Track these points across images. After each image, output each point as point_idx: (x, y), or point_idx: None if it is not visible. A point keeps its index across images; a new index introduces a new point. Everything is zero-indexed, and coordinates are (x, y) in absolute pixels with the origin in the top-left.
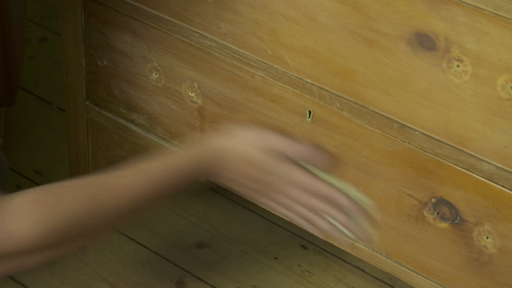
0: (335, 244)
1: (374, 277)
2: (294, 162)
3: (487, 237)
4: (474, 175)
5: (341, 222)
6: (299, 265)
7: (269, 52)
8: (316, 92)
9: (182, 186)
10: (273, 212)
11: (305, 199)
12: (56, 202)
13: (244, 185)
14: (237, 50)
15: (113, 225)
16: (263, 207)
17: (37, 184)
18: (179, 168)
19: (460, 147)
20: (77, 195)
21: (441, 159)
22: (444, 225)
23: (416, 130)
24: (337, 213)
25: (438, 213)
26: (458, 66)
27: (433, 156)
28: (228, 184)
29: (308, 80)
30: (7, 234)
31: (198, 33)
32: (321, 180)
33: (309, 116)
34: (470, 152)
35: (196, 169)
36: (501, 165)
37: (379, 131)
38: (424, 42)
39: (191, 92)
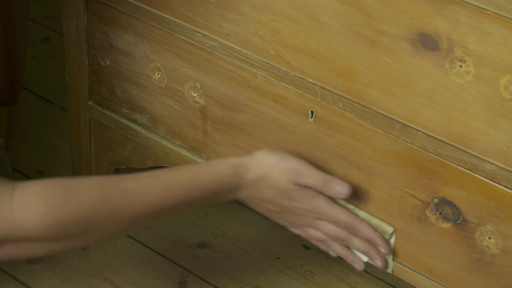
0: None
1: (376, 277)
2: (315, 190)
3: (489, 238)
4: (476, 175)
5: (362, 251)
6: (301, 265)
7: (271, 52)
8: (319, 92)
9: (198, 203)
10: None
11: (327, 228)
12: (65, 197)
13: (269, 210)
14: (239, 50)
15: (120, 231)
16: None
17: None
18: (195, 183)
19: (462, 148)
20: (87, 193)
21: (443, 159)
22: (446, 225)
23: (418, 130)
24: (357, 242)
25: (440, 213)
26: (460, 66)
27: (435, 156)
28: (254, 207)
29: (311, 80)
30: (11, 221)
31: (200, 33)
32: (342, 208)
33: (312, 116)
34: (472, 152)
35: (215, 188)
36: (503, 166)
37: (382, 131)
38: (426, 42)
39: (194, 92)
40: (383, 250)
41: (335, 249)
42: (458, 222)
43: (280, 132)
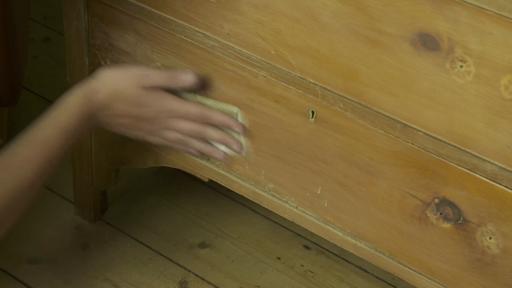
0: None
1: (377, 277)
2: (161, 90)
3: (490, 238)
4: (477, 175)
5: (219, 139)
6: (302, 265)
7: (272, 52)
8: (319, 92)
9: (72, 141)
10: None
11: (181, 125)
12: None
13: (125, 125)
14: (240, 50)
15: (20, 205)
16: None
17: None
18: (60, 127)
19: (463, 148)
20: None
21: (444, 160)
22: (447, 225)
23: (419, 130)
24: (212, 132)
25: (441, 213)
26: (461, 66)
27: (436, 156)
28: (110, 128)
29: (311, 80)
30: None
31: (201, 33)
32: (190, 102)
33: (312, 116)
34: (473, 152)
35: (76, 122)
36: (504, 166)
37: (382, 131)
38: (427, 42)
39: (194, 92)
40: (236, 129)
41: (195, 146)
42: (459, 222)
43: (281, 132)
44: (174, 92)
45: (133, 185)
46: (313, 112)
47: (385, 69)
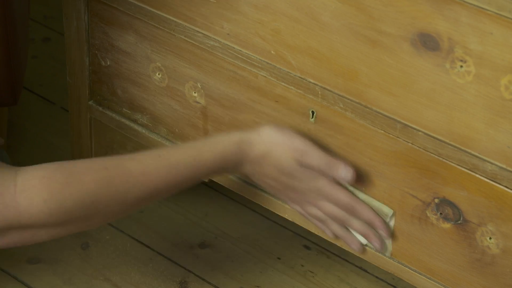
0: (343, 247)
1: (377, 277)
2: (317, 170)
3: (490, 238)
4: (477, 175)
5: (362, 233)
6: (302, 265)
7: (272, 52)
8: (319, 92)
9: (201, 179)
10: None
11: (328, 208)
12: (67, 182)
13: (270, 186)
14: (240, 50)
15: (124, 211)
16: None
17: None
18: (199, 161)
19: (463, 148)
20: (90, 176)
21: (444, 160)
22: (447, 225)
23: (419, 131)
24: (356, 223)
25: (441, 213)
26: (461, 66)
27: (436, 156)
28: (253, 180)
29: (311, 80)
30: (15, 208)
31: (201, 33)
32: (344, 189)
33: (312, 116)
34: (473, 152)
35: (218, 166)
36: (504, 166)
37: (382, 131)
38: (427, 42)
39: (194, 92)
40: (383, 233)
41: (334, 229)
42: (459, 222)
43: None
44: None
45: None
46: (313, 112)
47: (385, 69)
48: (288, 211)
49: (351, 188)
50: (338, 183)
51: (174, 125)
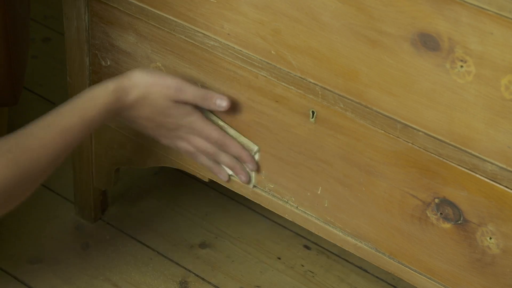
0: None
1: (377, 277)
2: (189, 105)
3: (490, 238)
4: (477, 175)
5: (229, 167)
6: (302, 265)
7: (272, 52)
8: (320, 92)
9: (90, 134)
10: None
11: (198, 143)
12: None
13: (144, 126)
14: (240, 50)
15: (35, 184)
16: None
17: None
18: (87, 120)
19: (463, 148)
20: (3, 162)
21: (444, 160)
22: (447, 225)
23: (419, 131)
24: (224, 157)
25: (441, 213)
26: (461, 66)
27: (436, 156)
28: (129, 124)
29: (312, 80)
30: None
31: (201, 33)
32: (214, 125)
33: (313, 116)
34: (473, 152)
35: (101, 118)
36: (504, 166)
37: (382, 131)
38: (427, 42)
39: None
40: (250, 166)
41: (202, 161)
42: (459, 222)
43: (281, 132)
44: (199, 108)
45: (133, 185)
46: (313, 112)
47: (385, 69)
48: (288, 211)
49: (221, 123)
50: (209, 120)
51: None
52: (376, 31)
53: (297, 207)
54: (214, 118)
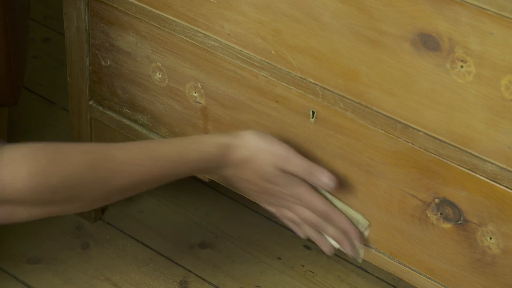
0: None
1: (377, 277)
2: (296, 176)
3: (490, 238)
4: (477, 175)
5: (335, 239)
6: (302, 265)
7: (272, 52)
8: (320, 92)
9: (182, 176)
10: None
11: (303, 213)
12: (53, 159)
13: (247, 189)
14: (240, 50)
15: (105, 198)
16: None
17: None
18: (184, 159)
19: (463, 148)
20: (75, 157)
21: (444, 160)
22: (447, 225)
23: (419, 131)
24: (330, 229)
25: (441, 213)
26: (461, 66)
27: (436, 156)
28: (231, 183)
29: (312, 80)
30: None
31: (201, 33)
32: (321, 197)
33: (313, 116)
34: (473, 152)
35: (202, 166)
36: (504, 166)
37: (383, 131)
38: (427, 42)
39: (195, 92)
40: (355, 241)
41: (307, 232)
42: (459, 222)
43: (281, 132)
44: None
45: None
46: (313, 112)
47: (385, 69)
48: None
49: (329, 196)
50: (316, 191)
51: (175, 125)
52: (376, 31)
53: None
54: (322, 190)
